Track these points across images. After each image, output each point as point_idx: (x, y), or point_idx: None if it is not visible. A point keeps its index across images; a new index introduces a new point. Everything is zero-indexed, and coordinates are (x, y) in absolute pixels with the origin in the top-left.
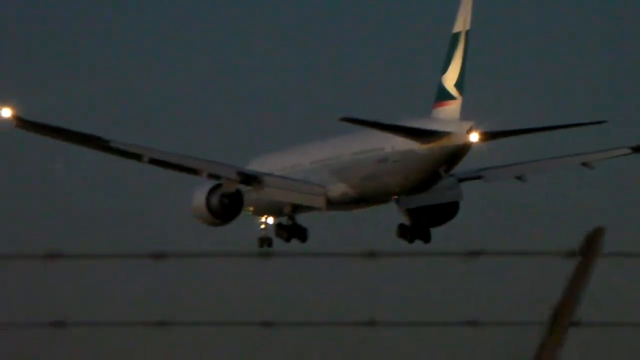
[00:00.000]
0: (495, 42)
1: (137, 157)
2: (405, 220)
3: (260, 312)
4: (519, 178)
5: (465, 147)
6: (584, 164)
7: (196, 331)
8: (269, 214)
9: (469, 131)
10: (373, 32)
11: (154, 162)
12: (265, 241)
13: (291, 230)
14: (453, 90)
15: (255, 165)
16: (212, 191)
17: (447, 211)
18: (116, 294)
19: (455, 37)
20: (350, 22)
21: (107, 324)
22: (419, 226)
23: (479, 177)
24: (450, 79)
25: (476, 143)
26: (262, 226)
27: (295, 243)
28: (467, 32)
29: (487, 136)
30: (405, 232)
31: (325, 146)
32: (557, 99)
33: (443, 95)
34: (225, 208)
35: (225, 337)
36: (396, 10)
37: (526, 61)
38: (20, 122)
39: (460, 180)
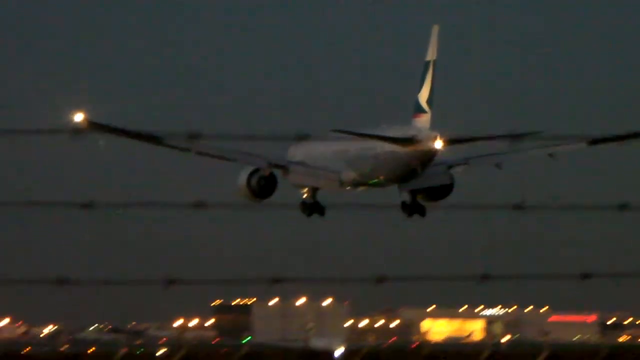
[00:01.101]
0: (459, 69)
1: (186, 150)
2: (406, 199)
3: None
4: (497, 165)
5: (432, 151)
6: (550, 155)
7: None
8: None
9: (433, 139)
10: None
11: (200, 153)
12: (307, 205)
13: (312, 207)
14: (425, 106)
15: (294, 150)
16: (252, 174)
17: (441, 191)
18: None
19: (427, 64)
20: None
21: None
22: (417, 204)
23: (465, 164)
24: (423, 96)
25: (440, 148)
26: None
27: (315, 217)
28: (434, 61)
29: (448, 142)
30: (406, 208)
31: (341, 141)
32: (507, 114)
33: (418, 109)
34: (262, 188)
35: None
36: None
37: (484, 84)
38: (90, 124)
39: (450, 167)
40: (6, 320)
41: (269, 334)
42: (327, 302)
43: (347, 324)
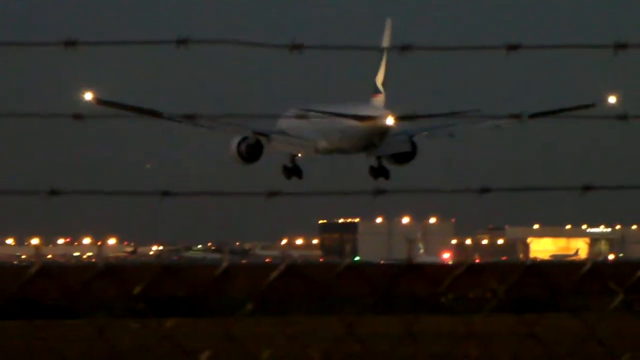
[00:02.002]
0: (410, 54)
1: (179, 122)
2: (374, 163)
3: None
4: (450, 134)
5: (385, 127)
6: (497, 126)
7: None
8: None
9: (386, 117)
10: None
11: (195, 125)
12: (287, 169)
13: (291, 171)
14: (381, 87)
15: (282, 120)
16: (240, 142)
17: (404, 157)
18: None
19: (381, 51)
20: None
21: None
22: (382, 168)
23: (425, 133)
24: (379, 79)
25: (392, 124)
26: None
27: (294, 180)
28: (388, 48)
29: (398, 119)
30: (373, 171)
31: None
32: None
33: (375, 90)
34: (249, 153)
35: None
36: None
37: (431, 68)
38: (99, 101)
39: (411, 136)
40: (113, 240)
41: (374, 252)
42: (432, 220)
43: (452, 242)
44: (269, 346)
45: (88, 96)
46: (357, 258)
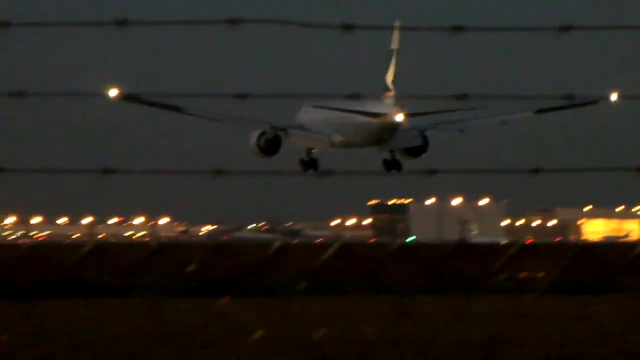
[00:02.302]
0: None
1: (203, 118)
2: (387, 156)
3: None
4: (461, 130)
5: (394, 123)
6: (503, 122)
7: None
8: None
9: (395, 114)
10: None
11: (214, 120)
12: (303, 162)
13: (308, 164)
14: (391, 85)
15: (300, 115)
16: (260, 136)
17: (416, 151)
18: None
19: (391, 52)
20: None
21: None
22: (395, 161)
23: (435, 128)
24: (389, 77)
25: (401, 121)
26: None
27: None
28: (398, 50)
29: (407, 116)
30: (386, 164)
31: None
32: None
33: (386, 88)
34: (268, 147)
35: None
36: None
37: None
38: (123, 97)
39: (422, 131)
40: (166, 220)
41: (426, 233)
42: (484, 201)
43: (504, 223)
44: (322, 325)
45: (113, 92)
46: (412, 238)
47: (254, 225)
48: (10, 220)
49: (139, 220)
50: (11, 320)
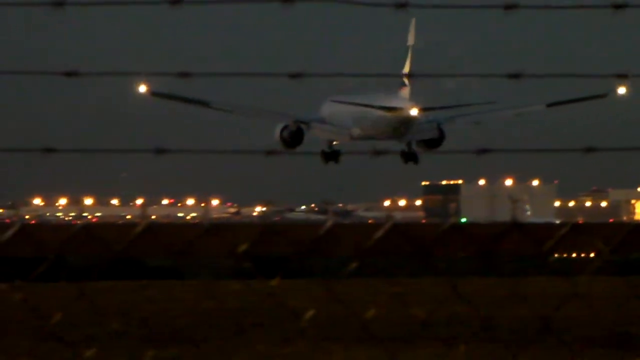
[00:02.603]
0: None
1: (229, 112)
2: (405, 148)
3: None
4: (476, 123)
5: (410, 117)
6: (517, 115)
7: None
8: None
9: (410, 108)
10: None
11: (240, 113)
12: (324, 154)
13: (329, 156)
14: (406, 80)
15: (322, 108)
16: (283, 129)
17: (432, 143)
18: None
19: (407, 48)
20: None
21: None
22: (412, 153)
23: (453, 121)
24: (405, 72)
25: (416, 115)
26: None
27: (331, 164)
28: (412, 46)
29: (422, 110)
30: (404, 156)
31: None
32: (464, 90)
33: (402, 83)
34: (291, 139)
35: None
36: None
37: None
38: (153, 93)
39: (439, 124)
40: (216, 201)
41: (477, 214)
42: (535, 182)
43: (555, 204)
44: (372, 305)
45: (142, 88)
46: (463, 219)
47: (305, 206)
48: (63, 201)
49: (191, 201)
50: (64, 300)
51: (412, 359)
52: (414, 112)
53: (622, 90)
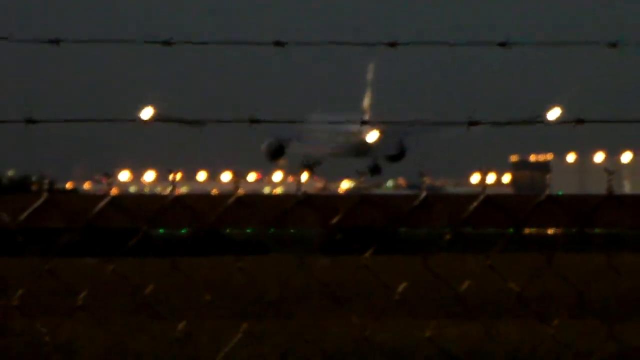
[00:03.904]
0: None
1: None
2: (370, 163)
3: None
4: (425, 141)
5: (369, 142)
6: (470, 124)
7: None
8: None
9: (369, 132)
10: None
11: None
12: (303, 167)
13: (306, 167)
14: (367, 108)
15: (304, 126)
16: (269, 144)
17: (396, 157)
18: None
19: (368, 82)
20: None
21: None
22: (376, 166)
23: (411, 137)
24: (366, 102)
25: (375, 139)
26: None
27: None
28: (372, 81)
29: (381, 133)
30: (369, 170)
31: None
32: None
33: (363, 111)
34: (273, 154)
35: None
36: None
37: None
38: (159, 118)
39: (401, 140)
40: (304, 176)
41: (568, 190)
42: (627, 155)
43: None
44: (465, 279)
45: (148, 112)
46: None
47: (392, 181)
48: (150, 175)
49: (278, 175)
50: (155, 274)
51: (505, 333)
52: (373, 136)
53: (555, 113)
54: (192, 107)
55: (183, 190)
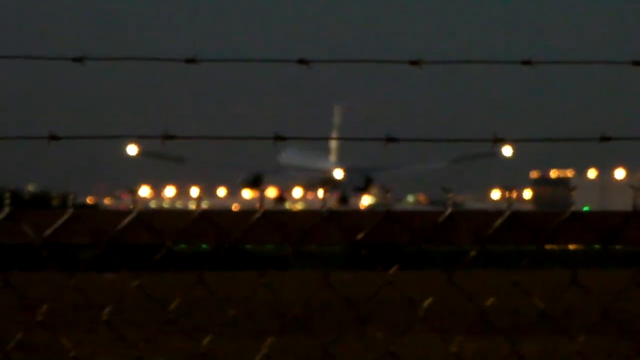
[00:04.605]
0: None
1: (203, 165)
2: (339, 194)
3: None
4: (394, 177)
5: (336, 179)
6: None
7: None
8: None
9: (335, 169)
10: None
11: (215, 167)
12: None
13: (278, 199)
14: (334, 147)
15: (280, 157)
16: (243, 179)
17: (361, 189)
18: None
19: (334, 123)
20: None
21: None
22: (344, 197)
23: (378, 171)
24: (333, 141)
25: (341, 177)
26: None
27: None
28: (340, 124)
29: (346, 171)
30: (338, 200)
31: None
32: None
33: (329, 150)
34: (251, 183)
35: None
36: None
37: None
38: (144, 154)
39: (367, 174)
40: (321, 191)
41: (589, 207)
42: None
43: None
44: (490, 295)
45: (132, 150)
46: (585, 208)
47: (413, 196)
48: (170, 190)
49: (297, 191)
50: (178, 289)
51: (530, 349)
52: (339, 173)
53: (507, 152)
54: (210, 123)
55: (204, 203)
